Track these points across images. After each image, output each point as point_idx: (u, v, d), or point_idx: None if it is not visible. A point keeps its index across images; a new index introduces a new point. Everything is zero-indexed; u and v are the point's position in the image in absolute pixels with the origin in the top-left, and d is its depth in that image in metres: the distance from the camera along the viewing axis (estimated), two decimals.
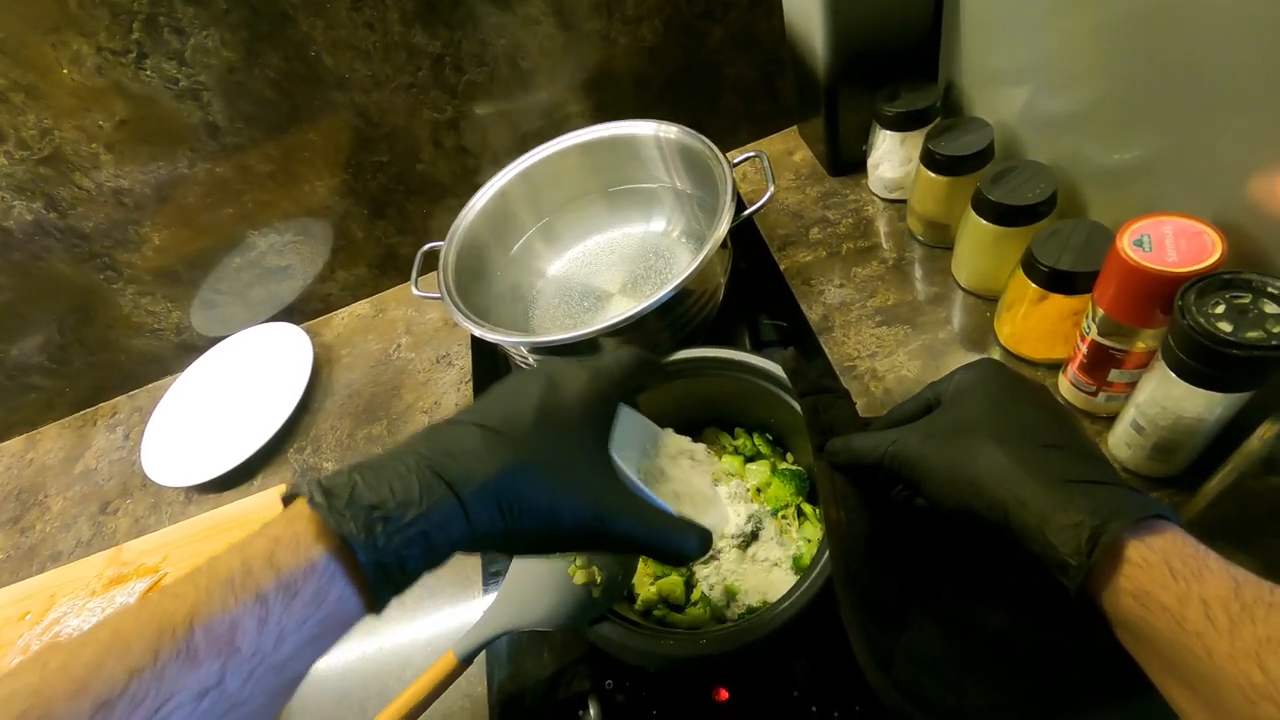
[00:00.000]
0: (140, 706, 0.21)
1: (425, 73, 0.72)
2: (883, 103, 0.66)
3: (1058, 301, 0.50)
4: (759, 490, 0.53)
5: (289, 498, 0.28)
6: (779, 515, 0.52)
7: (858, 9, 0.62)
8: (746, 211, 0.62)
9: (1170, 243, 0.41)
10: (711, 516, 0.38)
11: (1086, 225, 0.49)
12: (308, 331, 0.85)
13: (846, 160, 0.76)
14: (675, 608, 0.50)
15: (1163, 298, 0.40)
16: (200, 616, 0.23)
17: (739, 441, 0.57)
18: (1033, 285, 0.50)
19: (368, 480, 0.27)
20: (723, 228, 0.57)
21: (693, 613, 0.49)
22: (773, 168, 0.64)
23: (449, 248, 0.68)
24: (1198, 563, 0.24)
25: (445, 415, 0.73)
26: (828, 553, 0.37)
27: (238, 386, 0.85)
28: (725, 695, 0.47)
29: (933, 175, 0.61)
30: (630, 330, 0.55)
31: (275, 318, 0.90)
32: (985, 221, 0.55)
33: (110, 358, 0.89)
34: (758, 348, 0.65)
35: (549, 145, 0.74)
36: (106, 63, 0.65)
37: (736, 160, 0.65)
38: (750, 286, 0.71)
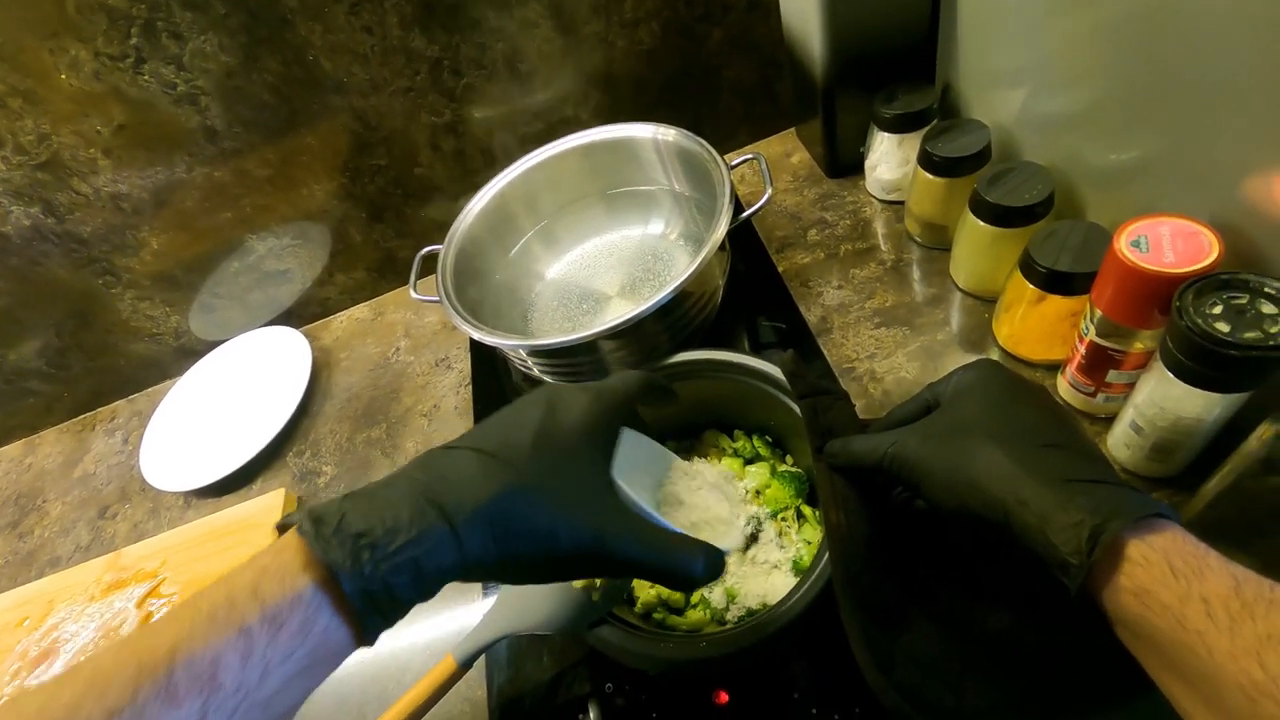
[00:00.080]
0: None
1: (423, 76, 0.72)
2: (880, 105, 0.66)
3: (1056, 302, 0.50)
4: (758, 492, 0.53)
5: (282, 527, 0.27)
6: (778, 517, 0.51)
7: (855, 11, 0.62)
8: (745, 214, 0.62)
9: (1167, 243, 0.41)
10: (729, 540, 0.37)
11: (1084, 226, 0.49)
12: (306, 335, 0.85)
13: (844, 162, 0.77)
14: (675, 610, 0.50)
15: (1160, 298, 0.40)
16: (181, 653, 0.22)
17: (738, 444, 0.56)
18: (1031, 286, 0.50)
19: (358, 508, 0.26)
20: (721, 230, 0.57)
21: (692, 615, 0.49)
22: (771, 170, 0.64)
23: (447, 251, 0.68)
24: (1198, 561, 0.24)
25: (444, 418, 0.74)
26: (827, 555, 0.37)
27: (236, 390, 0.85)
28: (725, 698, 0.47)
29: (930, 177, 0.61)
30: (629, 333, 0.55)
31: (274, 321, 0.90)
32: (983, 223, 0.55)
33: (109, 362, 0.89)
34: (756, 350, 0.65)
35: (547, 148, 0.74)
36: (104, 68, 0.65)
37: (734, 162, 0.65)
38: (749, 288, 0.71)
